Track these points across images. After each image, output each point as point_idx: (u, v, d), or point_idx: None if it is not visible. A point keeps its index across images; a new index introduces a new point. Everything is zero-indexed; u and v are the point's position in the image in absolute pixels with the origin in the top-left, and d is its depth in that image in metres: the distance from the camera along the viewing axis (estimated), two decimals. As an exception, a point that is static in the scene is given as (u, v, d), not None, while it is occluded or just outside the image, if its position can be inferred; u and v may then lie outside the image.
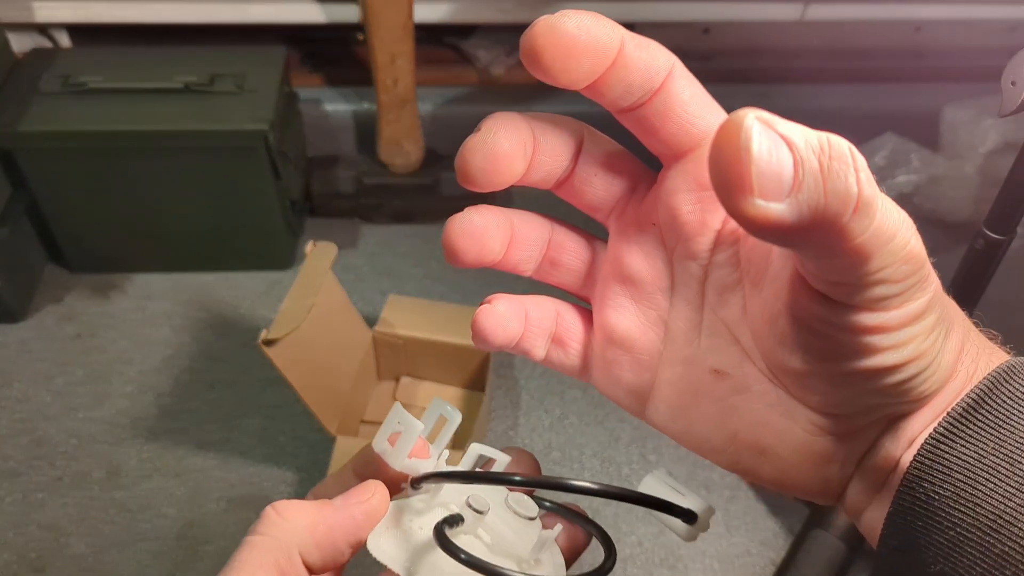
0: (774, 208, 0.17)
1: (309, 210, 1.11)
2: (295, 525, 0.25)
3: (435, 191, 1.08)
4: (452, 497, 0.28)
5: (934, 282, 0.20)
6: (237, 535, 0.25)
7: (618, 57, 0.21)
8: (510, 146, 0.23)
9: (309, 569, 0.25)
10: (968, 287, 0.67)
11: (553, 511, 0.29)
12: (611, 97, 0.22)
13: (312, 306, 0.72)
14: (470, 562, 0.23)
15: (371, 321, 0.87)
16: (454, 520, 0.26)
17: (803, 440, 0.24)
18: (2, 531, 0.77)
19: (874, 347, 0.20)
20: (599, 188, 0.25)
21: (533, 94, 1.15)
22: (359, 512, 0.26)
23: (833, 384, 0.22)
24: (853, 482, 0.24)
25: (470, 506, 0.26)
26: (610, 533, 0.27)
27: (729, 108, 0.24)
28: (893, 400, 0.22)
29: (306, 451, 0.85)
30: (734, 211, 0.17)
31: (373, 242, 1.09)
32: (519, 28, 0.21)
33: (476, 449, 0.28)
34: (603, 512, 0.83)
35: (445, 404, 0.27)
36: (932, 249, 0.20)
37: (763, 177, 0.16)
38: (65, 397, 0.89)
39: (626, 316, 0.26)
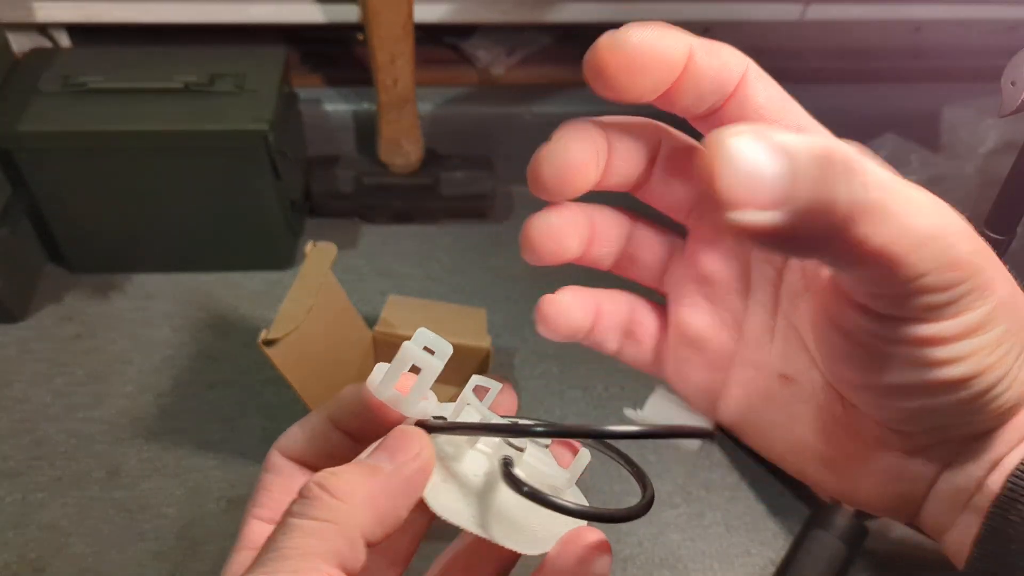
0: (763, 217, 0.16)
1: (309, 210, 1.11)
2: (354, 505, 0.22)
3: (435, 191, 1.08)
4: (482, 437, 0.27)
5: (997, 292, 0.19)
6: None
7: (687, 66, 0.21)
8: (583, 156, 0.22)
9: (368, 547, 0.22)
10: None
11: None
12: (683, 106, 0.22)
13: (312, 306, 0.72)
14: (558, 506, 0.22)
15: (371, 321, 0.87)
16: (511, 462, 0.25)
17: (870, 456, 0.23)
18: (2, 531, 0.77)
19: (929, 360, 0.19)
20: (678, 190, 0.25)
21: (533, 94, 1.15)
22: (413, 471, 0.23)
23: (890, 399, 0.21)
24: (930, 502, 0.23)
25: (510, 444, 0.26)
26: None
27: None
28: (962, 419, 0.21)
29: (306, 451, 0.85)
30: (726, 224, 0.17)
31: (373, 242, 1.09)
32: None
33: (474, 380, 0.27)
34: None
35: (430, 334, 0.25)
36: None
37: (745, 188, 0.16)
38: (65, 397, 0.89)
39: (700, 315, 0.26)
